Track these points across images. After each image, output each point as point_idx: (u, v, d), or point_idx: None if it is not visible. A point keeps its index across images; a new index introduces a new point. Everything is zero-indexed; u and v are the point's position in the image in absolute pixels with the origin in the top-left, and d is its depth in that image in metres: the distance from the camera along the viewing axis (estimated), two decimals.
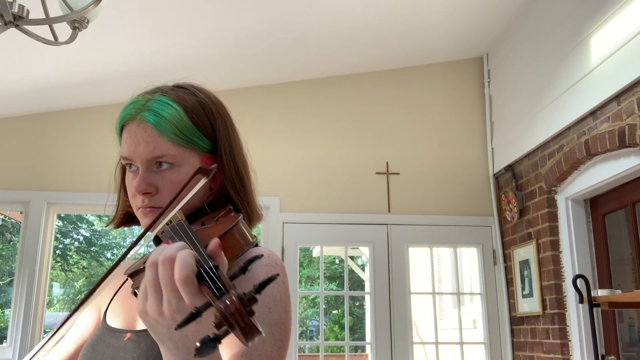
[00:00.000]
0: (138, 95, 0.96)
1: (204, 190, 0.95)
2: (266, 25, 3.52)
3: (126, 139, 0.93)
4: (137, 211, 0.94)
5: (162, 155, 0.90)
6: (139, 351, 0.87)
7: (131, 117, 0.93)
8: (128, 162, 0.94)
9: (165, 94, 0.95)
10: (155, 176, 0.91)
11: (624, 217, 3.25)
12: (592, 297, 2.77)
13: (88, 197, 3.89)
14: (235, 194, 0.96)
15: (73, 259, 14.77)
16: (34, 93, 3.81)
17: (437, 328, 4.04)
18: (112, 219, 1.06)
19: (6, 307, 11.49)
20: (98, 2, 1.81)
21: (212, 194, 0.97)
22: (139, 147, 0.90)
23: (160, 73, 3.76)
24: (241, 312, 0.56)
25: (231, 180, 0.96)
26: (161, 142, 0.90)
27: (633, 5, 2.71)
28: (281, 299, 0.86)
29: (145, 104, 0.93)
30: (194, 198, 0.91)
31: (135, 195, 0.92)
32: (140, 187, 0.90)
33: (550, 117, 3.41)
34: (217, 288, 0.61)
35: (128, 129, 0.93)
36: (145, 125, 0.91)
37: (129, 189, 0.94)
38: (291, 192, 4.03)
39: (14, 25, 1.80)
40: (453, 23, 3.88)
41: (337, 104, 4.26)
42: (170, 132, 0.90)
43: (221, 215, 0.91)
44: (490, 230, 4.11)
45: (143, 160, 0.91)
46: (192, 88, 0.98)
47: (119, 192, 1.05)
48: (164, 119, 0.90)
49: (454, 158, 4.22)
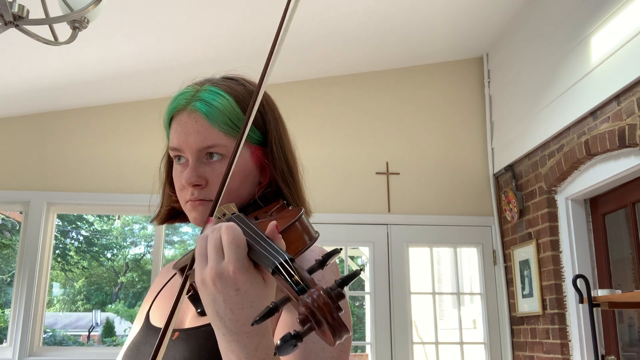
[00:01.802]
0: (187, 87, 0.94)
1: (252, 183, 0.93)
2: (266, 26, 3.52)
3: (176, 130, 0.90)
4: (185, 205, 0.91)
5: (214, 145, 0.88)
6: (190, 349, 0.85)
7: (181, 107, 0.91)
8: (177, 153, 0.91)
9: (215, 84, 0.93)
10: (206, 168, 0.89)
11: (624, 217, 3.25)
12: (592, 297, 2.77)
13: (88, 197, 3.89)
14: (286, 187, 0.94)
15: (73, 259, 14.78)
16: (34, 93, 3.81)
17: (437, 328, 4.04)
18: (156, 215, 1.03)
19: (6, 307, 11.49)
20: (98, 2, 1.81)
21: (261, 188, 0.94)
22: (190, 138, 0.88)
23: (160, 72, 3.77)
24: (330, 308, 0.53)
25: (282, 172, 0.94)
26: (213, 132, 0.88)
27: (633, 5, 2.71)
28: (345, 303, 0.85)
29: (195, 94, 0.91)
30: (243, 191, 0.90)
31: (184, 187, 0.90)
32: (190, 178, 0.87)
33: (550, 117, 3.41)
34: (295, 282, 0.58)
35: (178, 120, 0.91)
36: (197, 115, 0.89)
37: (177, 181, 0.92)
38: None
39: (14, 25, 1.80)
40: (453, 23, 3.88)
41: (337, 104, 4.26)
42: (221, 121, 0.88)
43: (274, 209, 0.87)
44: (490, 230, 4.11)
45: (193, 151, 0.88)
46: (242, 79, 0.97)
47: (164, 187, 1.02)
48: (215, 108, 0.88)
49: (454, 158, 4.22)
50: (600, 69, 2.94)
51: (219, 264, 0.65)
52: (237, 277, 0.64)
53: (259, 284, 0.66)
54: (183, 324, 0.92)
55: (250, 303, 0.65)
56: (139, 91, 3.94)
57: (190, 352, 0.84)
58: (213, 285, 0.65)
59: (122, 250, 15.84)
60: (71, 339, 13.79)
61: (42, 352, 3.75)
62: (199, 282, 0.67)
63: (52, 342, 12.02)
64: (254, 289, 0.65)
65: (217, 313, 0.66)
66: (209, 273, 0.65)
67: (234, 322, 0.65)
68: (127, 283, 15.31)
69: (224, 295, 0.65)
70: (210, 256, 0.66)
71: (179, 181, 0.91)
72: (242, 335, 0.66)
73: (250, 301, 0.65)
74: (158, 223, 1.03)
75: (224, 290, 0.65)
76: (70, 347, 4.71)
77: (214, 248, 0.66)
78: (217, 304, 0.66)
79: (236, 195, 0.89)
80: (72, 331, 14.37)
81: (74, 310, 15.60)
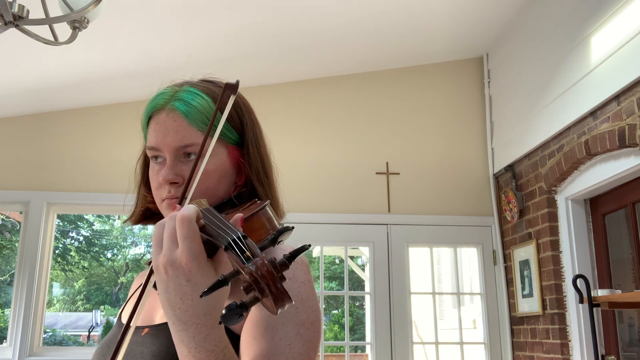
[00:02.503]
0: (166, 87, 0.97)
1: (229, 182, 0.95)
2: (266, 25, 3.52)
3: (154, 129, 0.92)
4: (161, 204, 0.92)
5: (192, 144, 0.89)
6: (158, 343, 0.86)
7: (160, 106, 0.93)
8: (155, 152, 0.93)
9: (194, 85, 0.95)
10: (183, 166, 0.90)
11: (624, 217, 3.25)
12: (592, 297, 2.77)
13: (88, 197, 3.90)
14: (261, 187, 0.96)
15: (73, 259, 14.78)
16: (34, 93, 3.81)
17: (437, 328, 4.04)
18: (131, 215, 1.04)
19: (6, 307, 11.49)
20: (98, 2, 1.81)
21: (237, 188, 0.96)
22: (168, 136, 0.90)
23: (160, 73, 3.76)
24: (272, 276, 0.55)
25: (257, 172, 0.96)
26: (191, 131, 0.89)
27: (633, 5, 2.71)
28: (308, 298, 0.85)
29: (174, 95, 0.93)
30: (220, 190, 0.91)
31: (161, 186, 0.91)
32: (167, 176, 0.89)
33: (550, 117, 3.41)
34: (246, 257, 0.59)
35: (156, 119, 0.93)
36: (175, 114, 0.91)
37: (154, 181, 0.93)
38: (291, 192, 4.01)
39: (14, 25, 1.81)
40: (453, 23, 3.88)
41: (337, 104, 4.26)
42: (200, 121, 0.90)
43: (246, 207, 0.89)
44: (490, 230, 4.11)
45: (171, 149, 0.90)
46: (219, 82, 0.99)
47: (139, 187, 1.03)
48: (194, 108, 0.90)
49: (454, 158, 4.22)
50: (600, 69, 2.94)
51: (172, 252, 0.66)
52: (189, 268, 0.65)
53: (210, 276, 0.67)
54: (153, 320, 0.95)
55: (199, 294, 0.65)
56: (140, 91, 3.94)
57: (159, 346, 0.86)
58: (165, 273, 0.66)
59: (122, 250, 15.85)
60: (71, 339, 13.80)
61: (42, 352, 3.75)
62: (154, 268, 0.68)
63: (52, 342, 12.02)
64: (204, 281, 0.66)
65: (168, 301, 0.67)
66: (162, 260, 0.66)
67: (184, 312, 0.66)
68: (127, 283, 15.31)
69: (174, 283, 0.66)
70: (165, 244, 0.67)
71: (155, 180, 0.93)
72: (192, 326, 0.67)
73: (200, 292, 0.66)
74: (132, 223, 1.04)
75: (175, 279, 0.66)
76: (70, 347, 4.71)
77: (168, 236, 0.67)
78: (168, 292, 0.67)
79: (213, 194, 0.91)
80: (72, 331, 14.37)
81: (74, 310, 15.61)
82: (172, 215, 0.68)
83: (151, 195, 0.98)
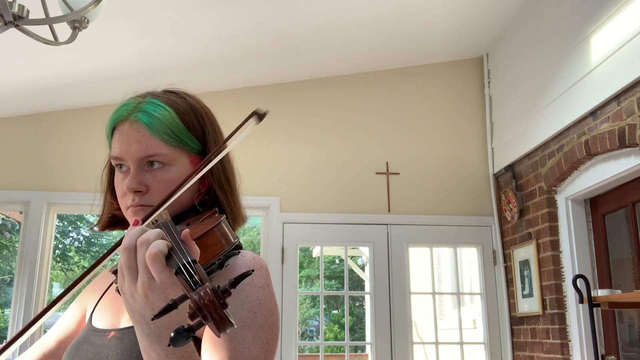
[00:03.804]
0: (129, 98, 1.00)
1: (192, 190, 0.97)
2: (266, 25, 3.52)
3: (118, 139, 0.95)
4: (126, 211, 0.95)
5: (155, 154, 0.93)
6: (122, 347, 0.89)
7: (123, 118, 0.96)
8: (119, 162, 0.96)
9: (156, 96, 0.98)
10: (147, 175, 0.93)
11: (624, 217, 3.25)
12: (592, 297, 2.77)
13: (88, 197, 3.89)
14: (223, 195, 0.99)
15: (73, 259, 14.78)
16: (34, 93, 3.81)
17: (437, 328, 4.04)
18: (98, 221, 1.08)
19: (6, 307, 11.49)
20: (98, 2, 1.81)
21: (200, 195, 0.99)
22: (132, 147, 0.93)
23: (160, 73, 3.77)
24: (214, 304, 0.58)
25: (219, 180, 0.99)
26: (153, 141, 0.93)
27: (633, 5, 2.71)
28: (266, 302, 0.87)
29: (137, 106, 0.96)
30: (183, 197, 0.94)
31: (125, 194, 0.94)
32: (131, 185, 0.92)
33: (550, 117, 3.41)
34: (194, 282, 0.63)
35: (120, 130, 0.95)
36: (138, 125, 0.93)
37: (119, 189, 0.96)
38: (291, 192, 4.03)
39: (14, 25, 1.80)
40: (453, 23, 3.88)
41: (337, 104, 4.26)
42: (162, 132, 0.93)
43: (207, 216, 0.93)
44: (490, 230, 4.11)
45: (135, 160, 0.93)
46: (182, 93, 1.03)
47: (105, 194, 1.07)
48: (156, 119, 0.93)
49: (454, 158, 4.22)
50: (600, 69, 2.94)
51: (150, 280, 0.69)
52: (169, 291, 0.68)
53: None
54: (119, 324, 0.97)
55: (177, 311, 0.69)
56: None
57: (123, 350, 0.89)
58: (144, 297, 0.69)
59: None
60: None
61: None
62: (127, 292, 0.71)
63: None
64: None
65: (143, 318, 0.70)
66: (141, 287, 0.69)
67: (159, 327, 0.71)
68: None
69: (154, 305, 0.69)
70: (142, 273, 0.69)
71: (120, 188, 0.96)
72: (164, 337, 0.71)
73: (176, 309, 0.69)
74: (100, 229, 1.08)
75: (155, 302, 0.69)
76: None
77: (143, 267, 0.69)
78: (144, 312, 0.70)
79: (176, 202, 0.93)
80: None
81: None
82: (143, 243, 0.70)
83: (117, 202, 1.00)
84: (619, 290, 2.76)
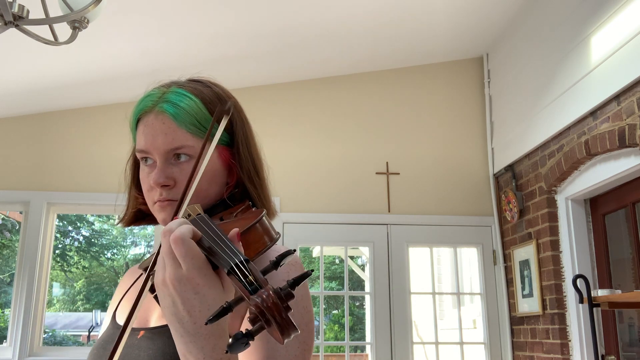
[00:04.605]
0: (153, 89, 0.95)
1: (220, 184, 0.94)
2: (267, 26, 3.52)
3: (143, 132, 0.91)
4: (153, 206, 0.91)
5: (181, 146, 0.89)
6: (155, 347, 0.86)
7: (148, 109, 0.92)
8: (144, 155, 0.92)
9: (181, 86, 0.94)
10: (174, 168, 0.89)
11: (624, 217, 3.25)
12: (592, 297, 2.77)
13: (88, 197, 3.89)
14: (252, 187, 0.95)
15: (73, 259, 14.77)
16: (34, 93, 3.81)
17: (437, 328, 4.04)
18: (122, 217, 1.04)
19: (6, 307, 11.49)
20: (98, 2, 1.81)
21: (229, 188, 0.95)
22: (158, 139, 0.89)
23: (160, 73, 3.76)
24: (279, 308, 0.55)
25: (248, 173, 0.95)
26: (180, 133, 0.89)
27: (633, 5, 2.71)
28: (302, 299, 0.85)
29: (162, 96, 0.92)
30: (211, 191, 0.91)
31: (152, 189, 0.91)
32: (159, 179, 0.88)
33: (550, 117, 3.41)
34: (249, 282, 0.60)
35: (145, 122, 0.91)
36: (164, 116, 0.89)
37: (145, 183, 0.92)
38: (291, 192, 4.03)
39: (14, 25, 1.80)
40: (453, 23, 3.88)
41: (337, 104, 4.26)
42: (189, 123, 0.89)
43: (240, 210, 0.88)
44: (490, 230, 4.11)
45: (161, 152, 0.89)
46: (208, 82, 0.98)
47: (130, 189, 1.02)
48: (182, 110, 0.89)
49: (454, 158, 4.22)
50: (600, 69, 2.94)
51: (177, 269, 0.66)
52: (197, 282, 0.65)
53: (217, 287, 0.67)
54: (148, 323, 0.94)
55: (207, 307, 0.66)
56: (139, 91, 3.92)
57: (155, 350, 0.85)
58: (173, 288, 0.66)
59: (122, 250, 15.84)
60: (71, 339, 13.79)
61: (42, 352, 3.75)
62: (159, 282, 0.68)
63: (52, 342, 12.02)
64: (212, 292, 0.66)
65: (175, 315, 0.67)
66: (168, 276, 0.66)
67: (192, 324, 0.66)
68: None
69: (182, 298, 0.66)
70: (167, 262, 0.67)
71: (146, 182, 0.92)
72: (200, 337, 0.67)
73: (207, 304, 0.66)
74: (124, 225, 1.04)
75: (182, 293, 0.65)
76: (70, 347, 4.71)
77: (168, 254, 0.67)
78: (175, 306, 0.66)
79: (204, 196, 0.90)
80: (72, 331, 14.36)
81: (74, 310, 15.60)
82: (166, 232, 0.68)
83: (142, 197, 0.97)
84: (619, 290, 2.76)
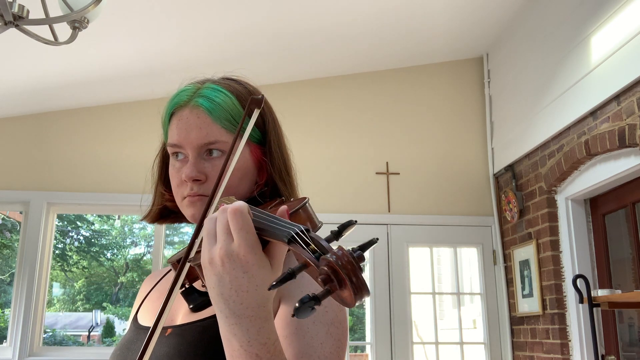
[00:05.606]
0: (188, 84, 0.95)
1: (250, 181, 0.94)
2: (264, 25, 3.52)
3: (177, 126, 0.91)
4: (182, 201, 0.91)
5: (215, 141, 0.89)
6: (185, 344, 0.85)
7: (183, 103, 0.91)
8: (177, 150, 0.91)
9: (216, 82, 0.95)
10: (206, 164, 0.89)
11: (624, 217, 3.25)
12: (592, 297, 2.77)
13: (88, 197, 3.89)
14: (283, 185, 0.95)
15: (73, 259, 14.77)
16: (34, 93, 3.81)
17: (437, 328, 4.04)
18: (147, 213, 1.03)
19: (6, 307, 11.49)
20: (98, 2, 1.81)
21: (259, 186, 0.95)
22: (192, 133, 0.89)
23: (160, 72, 3.77)
24: (353, 266, 0.53)
25: (279, 171, 0.95)
26: (215, 128, 0.89)
27: (633, 5, 2.71)
28: None
29: (197, 91, 0.92)
30: (242, 188, 0.91)
31: (182, 184, 0.90)
32: (191, 173, 0.88)
33: (550, 117, 3.41)
34: (312, 250, 0.58)
35: (179, 116, 0.91)
36: (199, 111, 0.89)
37: (175, 178, 0.92)
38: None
39: (14, 25, 1.81)
40: (453, 23, 3.88)
41: (337, 104, 4.26)
42: (223, 118, 0.89)
43: (272, 206, 0.86)
44: (490, 230, 4.11)
45: (194, 147, 0.89)
46: (241, 80, 0.99)
47: (157, 185, 1.02)
48: (217, 105, 0.89)
49: (454, 158, 4.22)
50: (600, 69, 2.94)
51: (229, 244, 0.65)
52: (247, 259, 0.65)
53: (266, 268, 0.66)
54: (175, 321, 0.93)
55: (255, 286, 0.65)
56: (139, 91, 3.94)
57: (186, 346, 0.84)
58: (221, 265, 0.65)
59: (122, 250, 15.84)
60: (71, 339, 13.79)
61: (42, 352, 3.75)
62: (205, 261, 0.66)
63: (52, 342, 12.02)
64: (261, 273, 0.66)
65: (222, 295, 0.65)
66: (218, 252, 0.65)
67: (238, 304, 0.65)
68: (127, 283, 15.30)
69: (231, 276, 0.65)
70: (219, 237, 0.66)
71: (177, 177, 0.92)
72: (245, 319, 0.66)
73: (256, 284, 0.65)
74: (149, 221, 1.03)
75: (231, 271, 0.65)
76: (70, 347, 4.72)
77: (223, 229, 0.66)
78: (223, 285, 0.65)
79: (234, 192, 0.89)
80: (72, 331, 14.36)
81: (74, 310, 15.59)
82: (224, 209, 0.67)
83: (169, 193, 0.97)
84: (619, 290, 2.76)
